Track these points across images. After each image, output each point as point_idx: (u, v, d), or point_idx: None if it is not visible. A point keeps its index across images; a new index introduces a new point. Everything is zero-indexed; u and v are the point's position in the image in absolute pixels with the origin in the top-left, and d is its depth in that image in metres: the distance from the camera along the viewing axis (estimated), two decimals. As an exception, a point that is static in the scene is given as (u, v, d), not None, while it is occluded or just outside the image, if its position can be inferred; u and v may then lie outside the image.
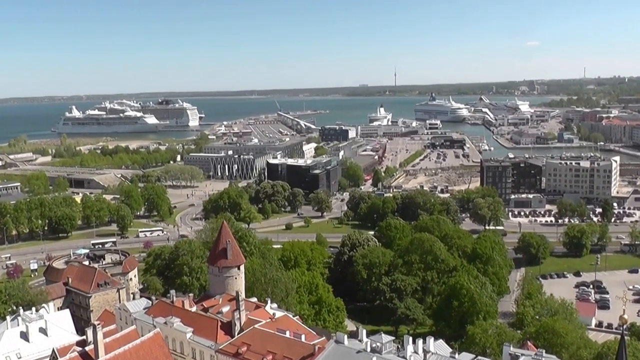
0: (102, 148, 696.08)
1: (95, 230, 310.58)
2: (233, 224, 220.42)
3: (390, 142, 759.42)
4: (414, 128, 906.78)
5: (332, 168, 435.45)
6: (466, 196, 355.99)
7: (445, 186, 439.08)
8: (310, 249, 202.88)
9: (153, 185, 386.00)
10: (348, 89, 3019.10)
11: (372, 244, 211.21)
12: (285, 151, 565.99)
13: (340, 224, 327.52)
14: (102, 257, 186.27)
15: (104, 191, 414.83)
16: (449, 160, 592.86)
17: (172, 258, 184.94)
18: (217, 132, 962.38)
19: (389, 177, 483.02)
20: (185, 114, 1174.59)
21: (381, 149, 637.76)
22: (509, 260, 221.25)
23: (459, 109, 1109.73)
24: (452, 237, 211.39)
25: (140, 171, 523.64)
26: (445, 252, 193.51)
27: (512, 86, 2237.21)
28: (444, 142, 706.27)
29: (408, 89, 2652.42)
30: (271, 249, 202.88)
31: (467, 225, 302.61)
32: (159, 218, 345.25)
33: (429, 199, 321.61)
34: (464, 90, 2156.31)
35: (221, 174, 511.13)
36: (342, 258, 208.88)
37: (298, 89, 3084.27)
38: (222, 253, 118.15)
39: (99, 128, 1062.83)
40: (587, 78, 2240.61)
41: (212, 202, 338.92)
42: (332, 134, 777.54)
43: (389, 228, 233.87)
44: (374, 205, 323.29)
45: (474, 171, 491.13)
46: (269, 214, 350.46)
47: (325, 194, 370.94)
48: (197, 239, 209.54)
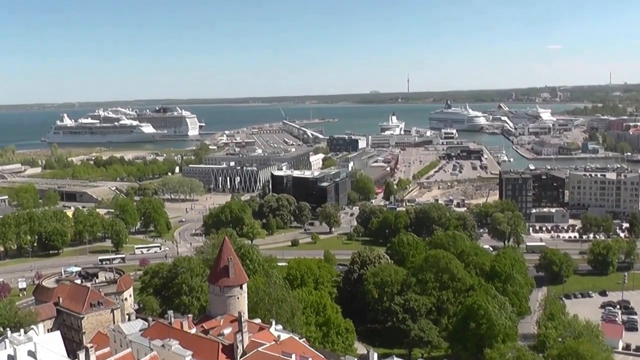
0: (96, 159, 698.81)
1: (88, 246, 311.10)
2: (235, 240, 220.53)
3: (403, 152, 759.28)
4: (428, 138, 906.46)
5: (341, 180, 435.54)
6: (484, 210, 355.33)
7: (462, 200, 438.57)
8: (317, 266, 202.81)
9: (150, 199, 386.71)
10: (358, 96, 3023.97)
11: (383, 262, 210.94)
12: (291, 162, 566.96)
13: (350, 240, 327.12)
14: (95, 275, 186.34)
15: (98, 205, 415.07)
16: (466, 172, 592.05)
17: (170, 276, 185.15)
18: (218, 142, 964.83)
19: (402, 190, 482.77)
20: (184, 122, 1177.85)
21: (393, 160, 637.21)
22: (530, 279, 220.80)
23: (476, 118, 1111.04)
24: (469, 254, 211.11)
25: (136, 183, 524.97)
26: (461, 270, 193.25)
27: (532, 93, 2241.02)
28: (460, 152, 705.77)
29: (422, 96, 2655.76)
30: (276, 266, 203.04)
31: (485, 241, 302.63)
32: (156, 234, 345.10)
33: (444, 214, 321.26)
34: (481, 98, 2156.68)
35: (222, 187, 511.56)
36: (352, 276, 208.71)
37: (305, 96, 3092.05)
38: (224, 271, 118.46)
39: (92, 137, 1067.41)
40: (613, 84, 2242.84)
41: (212, 216, 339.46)
42: (341, 144, 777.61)
43: (402, 244, 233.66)
44: (386, 220, 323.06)
45: (493, 184, 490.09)
46: (274, 229, 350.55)
47: (334, 208, 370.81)
48: (197, 256, 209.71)
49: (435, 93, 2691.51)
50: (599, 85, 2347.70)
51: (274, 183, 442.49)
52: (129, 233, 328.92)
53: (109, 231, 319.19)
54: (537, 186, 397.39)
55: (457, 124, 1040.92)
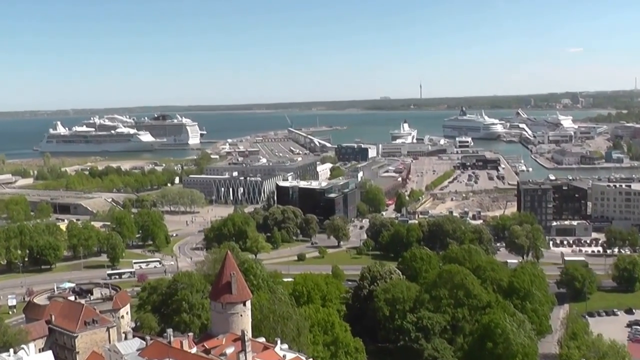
0: (91, 169, 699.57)
1: (82, 261, 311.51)
2: (238, 255, 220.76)
3: (416, 162, 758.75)
4: (442, 146, 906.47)
5: (350, 191, 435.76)
6: (501, 223, 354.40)
7: (478, 212, 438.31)
8: (325, 282, 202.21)
9: (148, 211, 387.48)
10: (368, 102, 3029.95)
11: (395, 277, 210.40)
12: (297, 172, 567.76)
13: (359, 254, 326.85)
14: (90, 292, 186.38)
15: (93, 218, 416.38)
16: (482, 182, 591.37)
17: (170, 293, 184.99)
18: (221, 150, 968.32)
19: (414, 201, 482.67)
20: (184, 130, 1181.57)
21: (405, 170, 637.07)
22: (551, 296, 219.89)
23: (493, 125, 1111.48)
24: (486, 269, 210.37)
25: (133, 195, 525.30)
26: (478, 287, 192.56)
27: (552, 99, 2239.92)
28: (475, 162, 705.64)
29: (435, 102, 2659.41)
30: (281, 282, 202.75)
31: (502, 255, 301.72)
32: (155, 248, 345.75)
33: (459, 227, 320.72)
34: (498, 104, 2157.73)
35: (225, 198, 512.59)
36: (362, 293, 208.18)
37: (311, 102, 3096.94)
38: (226, 287, 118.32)
39: (87, 146, 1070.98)
40: (638, 89, 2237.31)
41: (214, 229, 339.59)
42: (350, 153, 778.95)
43: (414, 259, 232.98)
44: (397, 233, 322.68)
45: (510, 195, 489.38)
46: (279, 243, 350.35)
47: (342, 220, 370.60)
48: (198, 272, 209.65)
49: (449, 99, 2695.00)
50: (624, 90, 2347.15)
51: (279, 194, 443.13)
52: (126, 247, 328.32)
53: (104, 245, 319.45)
54: (558, 197, 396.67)
55: (473, 132, 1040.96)
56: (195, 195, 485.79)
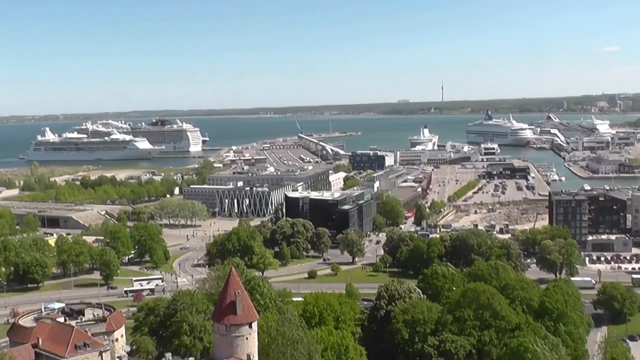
0: (83, 179, 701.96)
1: (73, 279, 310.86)
2: (243, 272, 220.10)
3: (437, 170, 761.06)
4: (466, 153, 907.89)
5: (365, 203, 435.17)
6: (531, 237, 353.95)
7: (505, 225, 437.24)
8: (338, 302, 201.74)
9: (145, 225, 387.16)
10: (385, 105, 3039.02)
11: (415, 297, 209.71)
12: (307, 182, 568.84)
13: (376, 271, 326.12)
14: (81, 312, 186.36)
15: (85, 232, 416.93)
16: (510, 193, 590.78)
17: (169, 314, 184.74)
18: (224, 159, 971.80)
19: (435, 213, 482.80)
20: (185, 137, 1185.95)
21: (425, 180, 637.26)
22: (587, 317, 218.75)
23: (522, 130, 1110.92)
24: (515, 287, 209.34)
25: (129, 207, 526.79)
26: (506, 307, 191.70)
27: (587, 101, 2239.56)
28: (503, 170, 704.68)
29: (458, 106, 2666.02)
30: (290, 302, 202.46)
31: (532, 273, 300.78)
32: (152, 264, 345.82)
33: (485, 241, 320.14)
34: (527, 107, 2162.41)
35: (229, 211, 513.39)
36: (378, 314, 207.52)
37: (323, 106, 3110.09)
38: (230, 307, 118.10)
39: (78, 154, 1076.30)
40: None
41: (217, 244, 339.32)
42: (365, 161, 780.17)
43: (436, 277, 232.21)
44: (417, 248, 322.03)
45: (541, 207, 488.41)
46: (288, 259, 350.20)
47: (357, 234, 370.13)
48: (200, 290, 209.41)
49: (473, 102, 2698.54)
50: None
51: (288, 206, 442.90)
52: (121, 264, 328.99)
53: (97, 262, 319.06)
54: (594, 209, 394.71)
55: (499, 138, 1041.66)
56: (197, 207, 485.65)
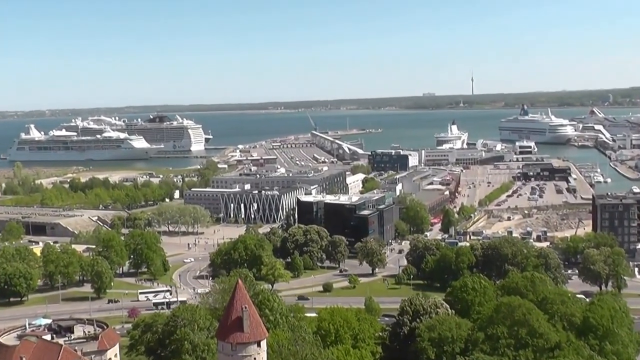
0: (72, 181, 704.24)
1: (60, 292, 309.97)
2: (251, 284, 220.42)
3: (466, 171, 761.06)
4: (499, 152, 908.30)
5: (387, 208, 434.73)
6: (573, 246, 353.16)
7: (543, 232, 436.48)
8: (356, 318, 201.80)
9: (142, 232, 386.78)
10: (408, 99, 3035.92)
11: (442, 312, 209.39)
12: (322, 185, 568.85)
13: (398, 284, 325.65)
14: (70, 329, 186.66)
15: (74, 240, 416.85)
16: (548, 196, 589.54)
17: (168, 331, 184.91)
18: (230, 159, 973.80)
19: (465, 219, 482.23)
20: (185, 134, 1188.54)
21: (454, 182, 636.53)
22: (637, 335, 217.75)
23: (562, 126, 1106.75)
24: (554, 302, 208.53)
25: (124, 212, 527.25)
26: (544, 324, 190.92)
27: (636, 94, 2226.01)
28: (540, 171, 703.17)
29: (490, 99, 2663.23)
30: (303, 318, 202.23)
31: (574, 285, 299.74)
32: (150, 276, 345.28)
33: (521, 250, 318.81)
34: (567, 101, 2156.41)
35: (235, 217, 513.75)
36: (401, 331, 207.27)
37: (340, 100, 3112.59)
38: (237, 324, 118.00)
39: (67, 154, 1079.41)
40: None
41: (222, 254, 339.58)
42: (387, 161, 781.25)
43: (466, 290, 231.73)
44: (444, 258, 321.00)
45: (584, 211, 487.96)
46: (301, 270, 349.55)
47: (378, 243, 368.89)
48: (202, 305, 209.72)
49: (507, 95, 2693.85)
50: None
51: (300, 211, 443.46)
52: (114, 275, 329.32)
53: (88, 273, 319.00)
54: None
55: (537, 135, 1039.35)
56: (199, 213, 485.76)
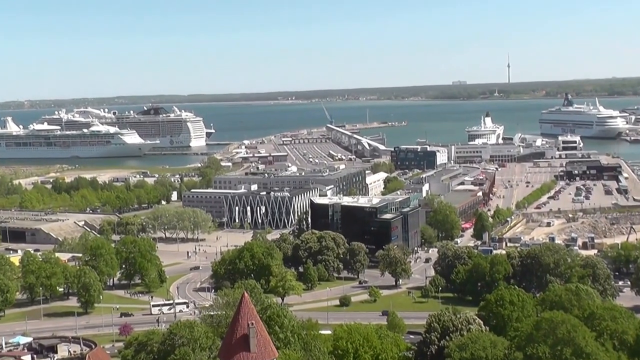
0: (55, 181, 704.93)
1: (42, 307, 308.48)
2: (259, 298, 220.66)
3: (502, 170, 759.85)
4: (539, 148, 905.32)
5: (412, 211, 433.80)
6: (624, 254, 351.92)
7: (590, 238, 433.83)
8: (378, 336, 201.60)
9: (134, 239, 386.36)
10: (436, 88, 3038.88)
11: (474, 329, 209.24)
12: (339, 185, 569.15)
13: (425, 297, 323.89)
14: (53, 349, 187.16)
15: (58, 247, 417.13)
16: (596, 197, 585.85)
17: (165, 350, 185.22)
18: (234, 156, 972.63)
19: (500, 224, 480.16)
20: (184, 128, 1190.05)
21: (488, 182, 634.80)
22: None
23: (611, 119, 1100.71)
24: (603, 317, 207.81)
25: (114, 216, 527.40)
26: (592, 342, 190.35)
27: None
28: (587, 169, 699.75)
29: (529, 88, 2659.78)
30: (318, 335, 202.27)
31: (626, 299, 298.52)
32: (144, 288, 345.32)
33: (564, 259, 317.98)
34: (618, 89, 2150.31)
35: (240, 221, 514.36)
36: (429, 350, 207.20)
37: (358, 90, 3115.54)
38: (242, 343, 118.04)
39: (49, 151, 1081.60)
40: None
41: (226, 263, 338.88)
42: (412, 159, 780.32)
43: (502, 303, 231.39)
44: (478, 268, 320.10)
45: (637, 215, 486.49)
46: (315, 281, 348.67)
47: (402, 250, 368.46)
48: (203, 321, 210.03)
49: (548, 83, 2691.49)
50: None
51: (314, 215, 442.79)
52: (104, 287, 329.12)
53: (74, 285, 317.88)
54: None
55: (583, 129, 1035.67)
56: (200, 217, 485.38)
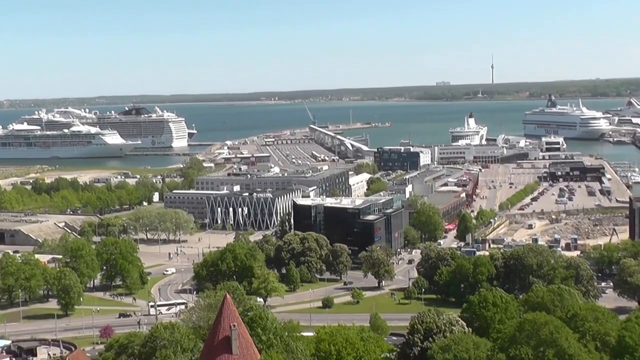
0: (35, 182, 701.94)
1: (22, 309, 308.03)
2: (241, 299, 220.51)
3: (486, 171, 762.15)
4: (523, 149, 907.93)
5: (395, 212, 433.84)
6: (607, 255, 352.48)
7: (573, 239, 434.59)
8: (360, 338, 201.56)
9: (115, 240, 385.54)
10: (420, 89, 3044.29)
11: (457, 330, 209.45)
12: (322, 186, 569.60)
13: (408, 298, 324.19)
14: (33, 351, 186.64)
15: (38, 249, 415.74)
16: (579, 199, 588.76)
17: (146, 352, 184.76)
18: (217, 156, 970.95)
19: (484, 225, 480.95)
20: (166, 128, 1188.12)
21: (471, 183, 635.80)
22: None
23: (594, 120, 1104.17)
24: (586, 319, 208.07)
25: (95, 217, 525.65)
26: (574, 343, 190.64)
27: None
28: (570, 171, 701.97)
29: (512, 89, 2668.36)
30: (300, 337, 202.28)
31: (609, 300, 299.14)
32: (125, 290, 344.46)
33: (547, 260, 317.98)
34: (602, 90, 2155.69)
35: (223, 222, 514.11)
36: (412, 352, 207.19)
37: (341, 90, 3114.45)
38: (224, 345, 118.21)
39: (29, 151, 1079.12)
40: None
41: (208, 265, 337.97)
42: (395, 160, 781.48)
43: (485, 305, 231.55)
44: (461, 269, 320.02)
45: (620, 216, 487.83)
46: (297, 283, 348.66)
47: (385, 252, 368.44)
48: (185, 323, 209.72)
49: (532, 84, 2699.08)
50: None
51: (297, 216, 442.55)
52: (84, 289, 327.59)
53: (54, 287, 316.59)
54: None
55: (566, 130, 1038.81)
56: (182, 218, 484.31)
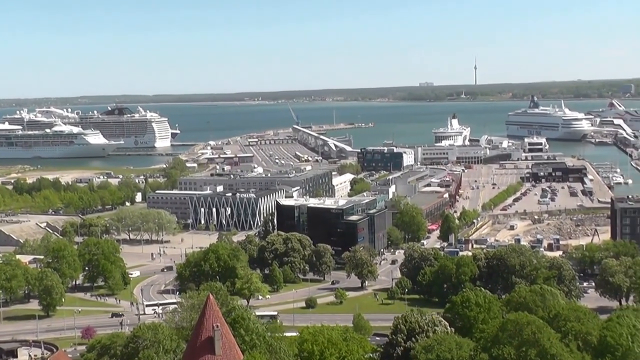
0: (16, 182, 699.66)
1: (2, 310, 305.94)
2: (224, 300, 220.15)
3: (469, 171, 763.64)
4: (506, 150, 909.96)
5: (378, 213, 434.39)
6: (589, 255, 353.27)
7: (556, 240, 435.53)
8: (344, 338, 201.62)
9: (98, 240, 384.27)
10: (403, 89, 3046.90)
11: (440, 330, 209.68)
12: (305, 186, 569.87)
13: (391, 298, 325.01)
14: (14, 352, 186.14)
15: (19, 249, 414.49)
16: (561, 199, 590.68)
17: (128, 353, 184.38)
18: (200, 157, 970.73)
19: (467, 225, 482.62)
20: (149, 128, 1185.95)
21: (454, 183, 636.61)
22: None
23: (577, 121, 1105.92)
24: (568, 318, 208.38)
25: (77, 218, 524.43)
26: (556, 343, 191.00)
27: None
28: (552, 171, 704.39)
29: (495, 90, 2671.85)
30: (283, 338, 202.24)
31: (591, 300, 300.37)
32: (107, 290, 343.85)
33: (530, 260, 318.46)
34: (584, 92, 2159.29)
35: (206, 222, 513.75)
36: (395, 352, 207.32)
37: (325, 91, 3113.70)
38: (207, 345, 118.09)
39: (10, 151, 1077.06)
40: None
41: (191, 265, 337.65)
42: (378, 160, 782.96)
43: (467, 305, 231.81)
44: (444, 269, 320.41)
45: (601, 217, 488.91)
46: (280, 283, 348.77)
47: (368, 252, 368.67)
48: (168, 324, 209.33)
49: (515, 85, 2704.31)
50: None
51: (280, 217, 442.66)
52: (66, 290, 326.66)
53: (35, 287, 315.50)
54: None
55: (549, 130, 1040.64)
56: (165, 219, 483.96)
